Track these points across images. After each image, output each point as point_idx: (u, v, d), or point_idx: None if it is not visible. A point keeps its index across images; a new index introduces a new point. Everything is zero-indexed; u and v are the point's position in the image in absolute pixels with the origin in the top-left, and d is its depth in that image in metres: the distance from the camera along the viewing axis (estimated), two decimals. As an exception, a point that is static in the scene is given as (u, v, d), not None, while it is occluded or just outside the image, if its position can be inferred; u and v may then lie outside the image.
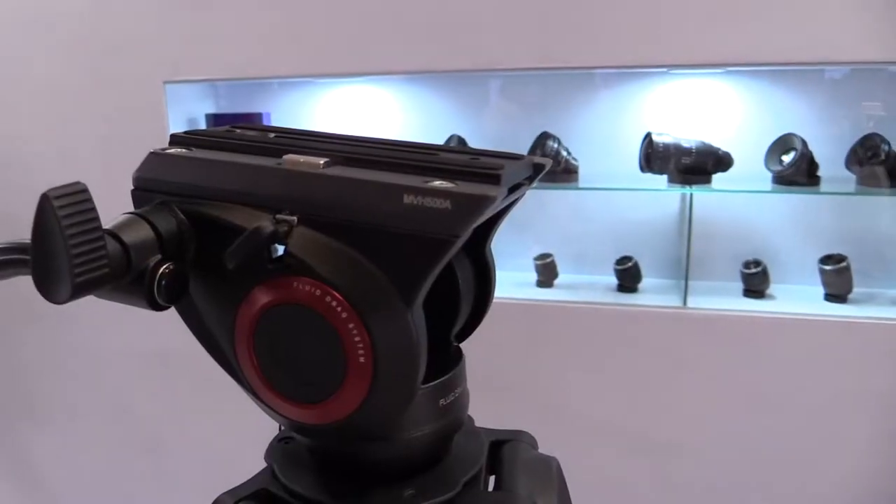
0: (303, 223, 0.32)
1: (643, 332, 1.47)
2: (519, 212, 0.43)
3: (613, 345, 1.48)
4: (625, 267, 1.61)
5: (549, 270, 1.66)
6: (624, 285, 1.61)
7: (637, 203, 1.67)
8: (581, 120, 1.67)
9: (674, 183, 1.52)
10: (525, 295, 1.59)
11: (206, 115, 1.75)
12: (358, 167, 0.33)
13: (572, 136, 1.62)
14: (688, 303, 1.48)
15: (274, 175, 0.33)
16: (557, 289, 1.65)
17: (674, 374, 1.46)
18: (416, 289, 0.31)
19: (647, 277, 1.63)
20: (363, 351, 0.31)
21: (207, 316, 0.35)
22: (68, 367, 1.86)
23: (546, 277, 1.66)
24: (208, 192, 0.34)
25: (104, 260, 0.29)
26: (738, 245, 1.61)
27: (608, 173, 1.61)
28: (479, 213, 0.30)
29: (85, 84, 1.66)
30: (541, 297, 1.60)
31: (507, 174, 0.32)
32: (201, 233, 0.33)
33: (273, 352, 0.33)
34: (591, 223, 1.72)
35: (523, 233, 1.72)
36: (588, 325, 1.49)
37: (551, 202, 1.73)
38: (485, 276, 0.41)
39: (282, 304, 0.32)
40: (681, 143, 1.51)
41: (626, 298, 1.57)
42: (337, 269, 0.31)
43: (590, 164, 1.61)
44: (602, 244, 1.70)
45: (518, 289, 1.63)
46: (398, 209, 0.30)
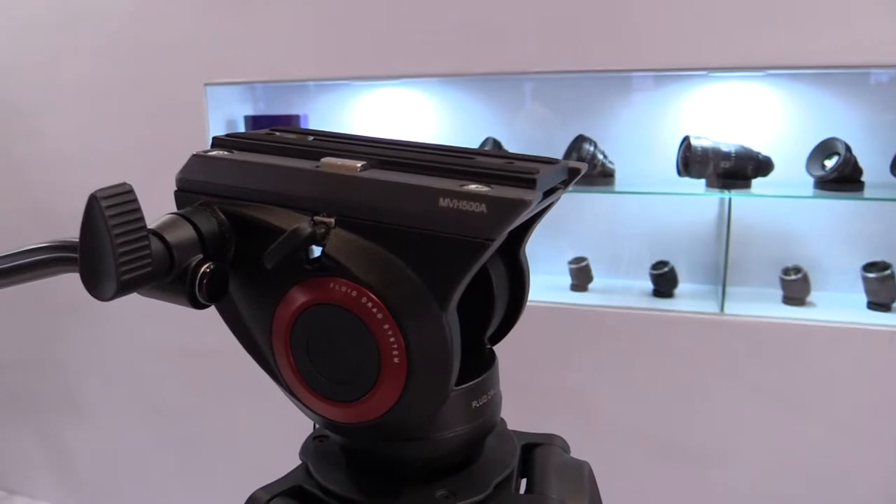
0: (340, 225, 0.32)
1: (679, 338, 1.45)
2: (554, 215, 0.43)
3: (648, 350, 1.47)
4: (661, 272, 1.59)
5: (583, 274, 1.65)
6: (660, 290, 1.59)
7: (674, 207, 1.65)
8: (618, 123, 1.66)
9: (712, 187, 1.50)
10: (559, 299, 1.59)
11: (245, 116, 1.78)
12: (394, 170, 0.34)
13: (609, 140, 1.61)
14: (725, 309, 1.46)
15: (312, 178, 0.33)
16: (592, 293, 1.65)
17: (709, 382, 1.44)
18: (451, 291, 0.31)
19: (684, 283, 1.62)
20: (397, 352, 0.32)
21: (246, 314, 0.36)
22: (108, 364, 1.90)
23: (580, 281, 1.66)
24: (248, 194, 0.34)
25: (148, 259, 0.30)
26: (778, 251, 1.58)
27: (645, 177, 1.60)
28: (514, 217, 0.30)
29: (127, 85, 1.71)
30: (575, 301, 1.60)
31: (543, 178, 0.33)
32: (241, 233, 0.34)
33: (309, 351, 0.34)
34: (627, 227, 1.71)
35: (558, 236, 1.71)
36: (622, 330, 1.48)
37: (587, 205, 1.72)
38: (519, 279, 0.41)
39: (318, 304, 0.33)
40: (720, 146, 1.49)
41: (661, 304, 1.55)
42: (373, 270, 0.32)
43: (626, 167, 1.60)
44: (638, 248, 1.69)
45: (552, 292, 1.63)
46: (434, 212, 0.31)
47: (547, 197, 0.35)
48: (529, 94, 1.72)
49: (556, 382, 1.54)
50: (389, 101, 1.80)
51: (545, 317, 1.50)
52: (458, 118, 1.77)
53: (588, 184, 1.56)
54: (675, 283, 1.60)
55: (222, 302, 0.36)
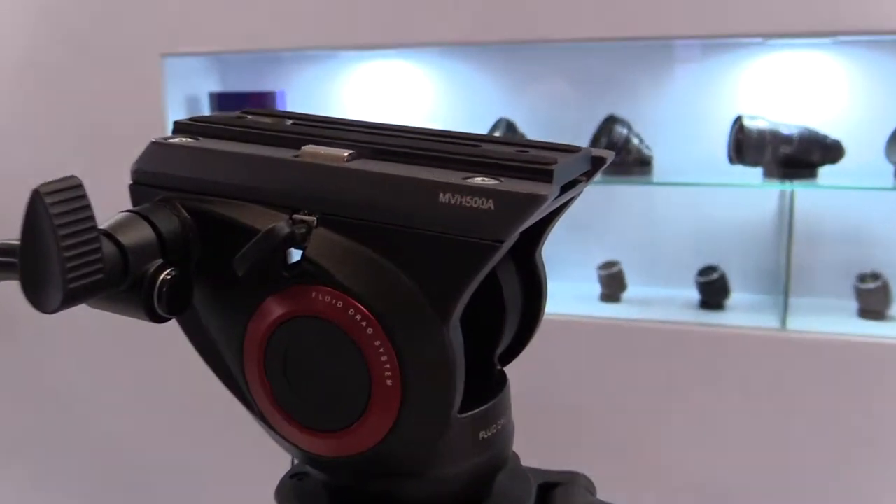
0: (323, 224, 0.33)
1: (731, 359, 1.46)
2: (580, 211, 0.44)
3: (693, 374, 1.48)
4: (709, 279, 1.60)
5: (615, 282, 1.66)
6: (708, 301, 1.60)
7: (725, 201, 1.66)
8: (656, 101, 1.67)
9: (770, 177, 1.51)
10: (585, 311, 1.59)
11: (210, 94, 1.80)
12: (387, 160, 0.35)
13: (646, 121, 1.62)
14: (787, 324, 1.46)
15: (291, 169, 0.34)
16: (625, 304, 1.65)
17: (768, 412, 1.44)
18: (453, 301, 0.32)
19: (737, 292, 1.62)
20: (390, 373, 0.33)
21: (213, 329, 0.37)
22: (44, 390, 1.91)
23: (612, 290, 1.66)
24: (216, 188, 0.35)
25: (99, 264, 0.31)
26: (852, 254, 1.58)
27: (689, 165, 1.61)
28: (528, 215, 0.31)
29: (68, 59, 1.72)
30: (605, 313, 1.60)
31: (561, 169, 0.33)
32: (208, 234, 0.35)
33: (287, 372, 0.35)
34: (668, 225, 1.72)
35: (584, 236, 1.72)
36: (663, 349, 1.49)
37: (619, 199, 1.73)
38: (534, 287, 0.42)
39: (298, 316, 0.34)
40: (779, 128, 1.50)
41: (710, 317, 1.56)
42: (361, 277, 0.33)
43: (667, 153, 1.61)
44: (681, 251, 1.70)
45: (577, 303, 1.64)
46: (433, 209, 0.32)
47: (566, 191, 0.36)
48: (550, 67, 1.74)
49: (581, 411, 1.54)
50: (382, 77, 1.81)
51: (567, 332, 1.51)
52: (464, 97, 1.78)
53: (621, 173, 1.57)
54: (725, 293, 1.61)
55: (185, 315, 0.36)
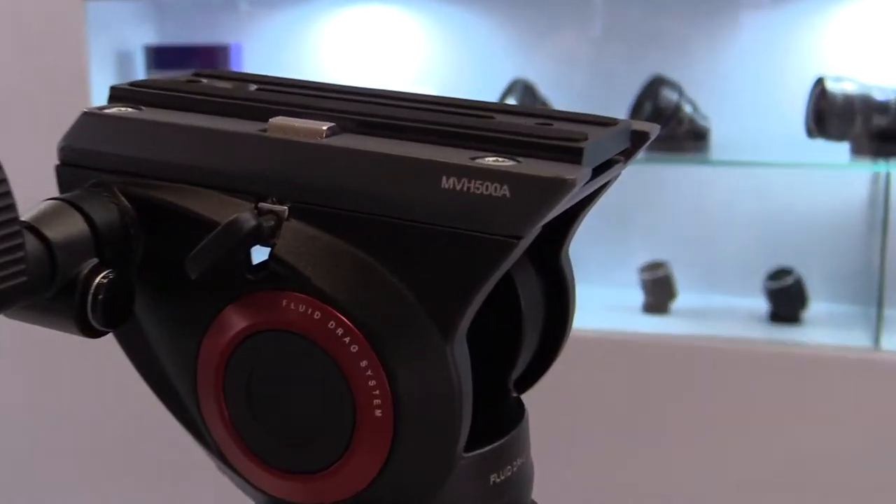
0: (296, 216, 0.34)
1: (810, 385, 1.46)
2: (618, 198, 0.45)
3: (762, 403, 1.48)
4: (782, 285, 1.61)
5: (662, 288, 1.67)
6: (780, 313, 1.61)
7: (801, 185, 1.66)
8: (714, 58, 1.67)
9: (860, 154, 1.51)
10: (624, 325, 1.60)
11: (146, 48, 1.79)
12: (375, 136, 0.35)
13: (700, 83, 1.62)
14: (882, 342, 1.47)
15: (256, 146, 0.35)
16: (675, 316, 1.66)
17: (859, 452, 1.44)
18: (459, 312, 0.33)
19: (817, 301, 1.63)
20: (380, 401, 0.33)
21: (159, 346, 0.38)
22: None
23: (658, 298, 1.67)
24: (164, 170, 0.36)
25: (21, 265, 0.31)
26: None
27: (756, 139, 1.61)
28: (552, 204, 0.32)
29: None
30: (648, 328, 1.61)
31: (593, 147, 0.34)
32: (153, 227, 0.36)
33: (251, 399, 0.36)
34: (729, 216, 1.73)
35: (623, 230, 1.73)
36: (722, 373, 1.49)
37: (667, 183, 1.74)
38: (559, 295, 0.42)
39: (265, 330, 0.34)
40: (871, 93, 1.50)
41: (782, 333, 1.57)
42: (344, 281, 0.34)
43: (727, 124, 1.61)
44: (746, 249, 1.71)
45: (613, 315, 1.64)
46: (433, 197, 0.32)
47: (599, 174, 0.37)
48: (579, 15, 1.74)
49: (618, 451, 1.55)
50: (366, 28, 1.82)
51: (602, 352, 1.51)
52: (470, 53, 1.79)
53: (670, 150, 1.57)
54: (802, 302, 1.61)
55: (125, 328, 0.37)
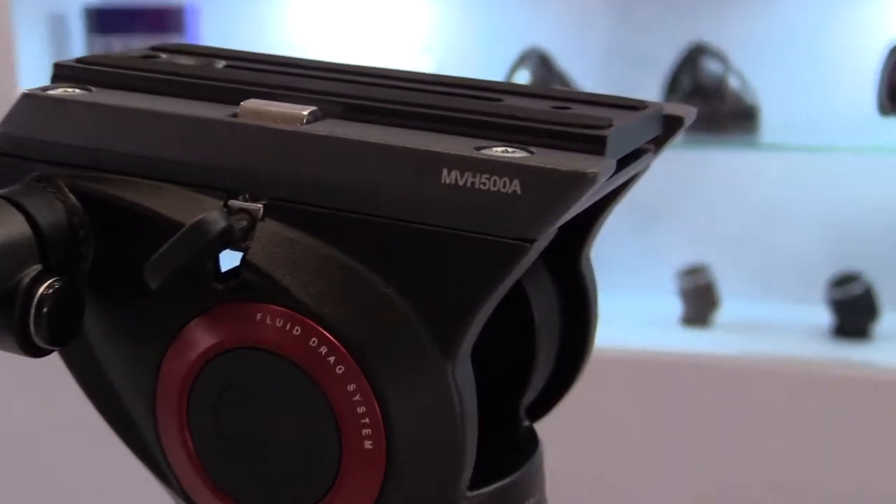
0: (272, 215, 0.35)
1: (882, 412, 1.46)
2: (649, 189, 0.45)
3: (824, 434, 1.48)
4: (848, 294, 1.61)
5: (703, 296, 1.67)
6: (846, 327, 1.61)
7: (871, 173, 1.67)
8: (765, 22, 1.68)
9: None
10: (657, 341, 1.61)
11: (86, 10, 1.77)
12: (364, 122, 0.36)
13: (749, 52, 1.63)
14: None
15: (225, 134, 0.36)
16: (718, 330, 1.67)
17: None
18: (462, 328, 0.34)
19: (890, 312, 1.63)
20: (370, 430, 0.34)
21: (112, 367, 0.39)
22: None
23: (698, 309, 1.68)
24: (118, 162, 0.37)
25: None
26: None
27: (815, 118, 1.61)
28: (570, 202, 0.32)
29: None
30: (687, 344, 1.61)
31: (618, 135, 0.35)
32: (106, 229, 0.37)
33: (220, 429, 0.36)
34: (783, 210, 1.73)
35: (656, 228, 1.74)
36: (776, 398, 1.50)
37: (709, 171, 1.75)
38: (579, 307, 0.43)
39: (237, 348, 0.35)
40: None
41: (848, 350, 1.57)
42: (328, 292, 0.34)
43: (781, 101, 1.62)
44: (804, 250, 1.71)
45: (644, 329, 1.66)
46: (433, 194, 0.33)
47: (626, 165, 0.37)
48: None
49: (650, 491, 1.55)
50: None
51: (631, 373, 1.52)
52: (475, 18, 1.79)
53: (712, 131, 1.57)
54: (872, 314, 1.61)
55: (72, 346, 0.37)
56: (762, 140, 1.60)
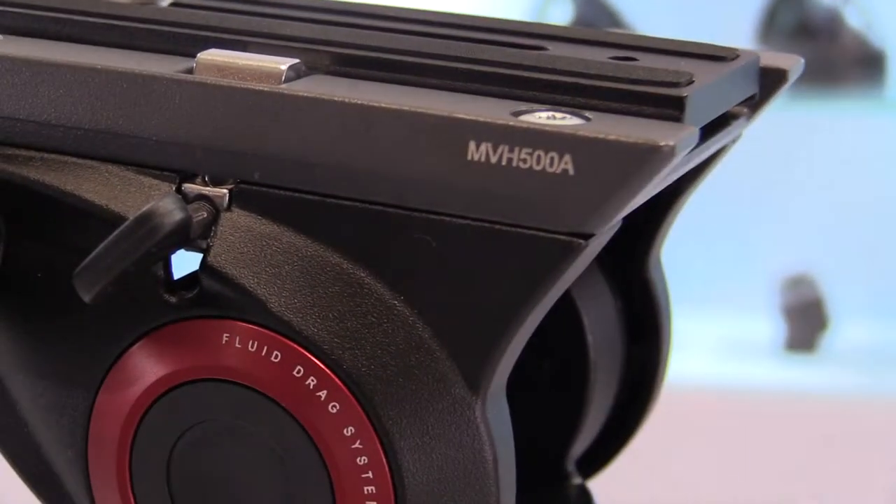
0: (241, 204, 0.35)
1: None
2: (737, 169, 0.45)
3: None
4: None
5: (810, 314, 1.69)
6: None
7: None
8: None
9: None
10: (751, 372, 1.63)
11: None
12: (362, 78, 0.37)
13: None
14: None
15: (178, 96, 0.36)
16: (828, 358, 1.69)
17: None
18: (494, 355, 0.34)
19: None
20: (374, 488, 0.35)
21: (28, 406, 0.39)
22: None
23: (804, 330, 1.69)
24: (35, 135, 0.37)
25: None
26: None
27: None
28: (639, 185, 0.32)
29: None
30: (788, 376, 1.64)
31: (701, 95, 0.35)
32: (20, 224, 0.37)
33: (173, 488, 0.37)
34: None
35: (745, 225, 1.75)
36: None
37: (818, 141, 1.76)
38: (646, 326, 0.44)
39: (195, 381, 0.35)
40: None
41: None
42: (318, 306, 0.35)
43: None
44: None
45: (733, 358, 1.68)
46: (456, 175, 0.33)
47: (711, 136, 0.38)
48: None
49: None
50: None
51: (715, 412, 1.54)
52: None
53: (823, 85, 1.58)
54: None
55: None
56: (890, 96, 1.61)
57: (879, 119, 1.69)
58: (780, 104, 0.43)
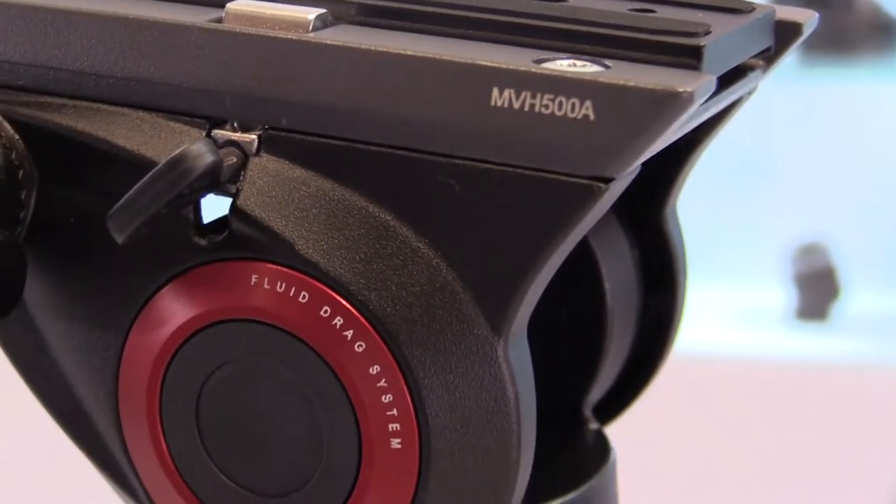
0: (270, 149, 0.36)
1: None
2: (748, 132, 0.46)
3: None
4: None
5: (822, 283, 1.70)
6: None
7: None
8: None
9: None
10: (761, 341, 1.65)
11: None
12: (387, 28, 0.37)
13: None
14: None
15: (207, 45, 0.37)
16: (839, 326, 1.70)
17: None
18: (516, 296, 0.35)
19: None
20: (399, 425, 0.35)
21: (60, 347, 0.40)
22: None
23: (815, 298, 1.70)
24: (68, 83, 0.38)
25: None
26: None
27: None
28: (658, 131, 0.33)
29: None
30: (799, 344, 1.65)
31: (718, 45, 0.35)
32: (54, 169, 0.38)
33: (201, 426, 0.38)
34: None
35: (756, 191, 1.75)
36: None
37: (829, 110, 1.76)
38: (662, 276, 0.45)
39: (224, 321, 0.36)
40: None
41: None
42: (345, 248, 0.35)
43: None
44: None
45: (744, 326, 1.69)
46: (479, 120, 0.34)
47: (727, 87, 0.38)
48: None
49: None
50: None
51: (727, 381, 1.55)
52: None
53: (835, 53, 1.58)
54: None
55: (10, 320, 0.39)
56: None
57: (892, 87, 1.68)
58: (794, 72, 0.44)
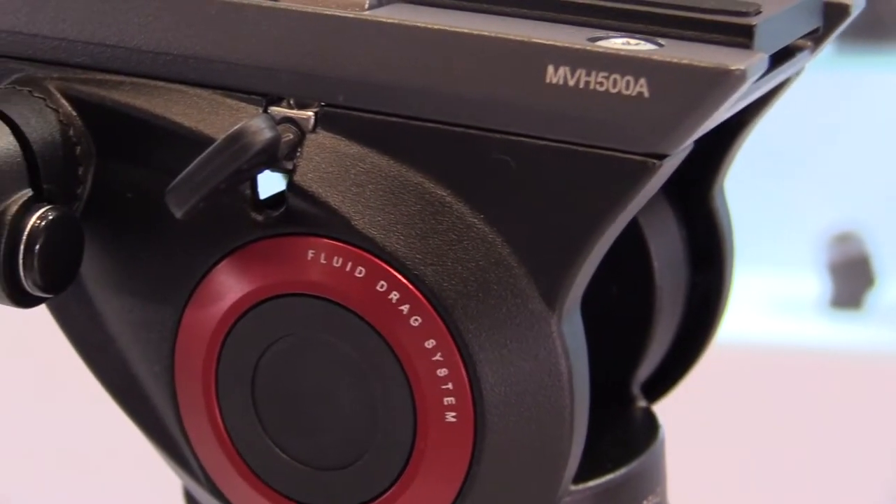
0: (327, 126, 0.36)
1: None
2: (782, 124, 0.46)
3: None
4: None
5: (856, 272, 1.69)
6: None
7: None
8: None
9: None
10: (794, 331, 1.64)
11: None
12: (443, 6, 0.37)
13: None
14: None
15: (265, 23, 0.37)
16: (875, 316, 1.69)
17: None
18: (570, 272, 0.35)
19: None
20: (454, 399, 0.36)
21: (117, 322, 0.40)
22: None
23: (850, 287, 1.69)
24: (126, 60, 0.38)
25: None
26: None
27: None
28: (712, 108, 0.33)
29: None
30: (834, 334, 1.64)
31: (769, 25, 0.36)
32: (111, 145, 0.38)
33: (258, 401, 0.38)
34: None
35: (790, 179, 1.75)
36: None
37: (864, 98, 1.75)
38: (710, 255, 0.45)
39: (280, 296, 0.37)
40: None
41: None
42: (402, 223, 0.36)
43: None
44: None
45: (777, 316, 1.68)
46: (534, 97, 0.34)
47: (777, 66, 0.38)
48: None
49: None
50: None
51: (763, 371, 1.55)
52: None
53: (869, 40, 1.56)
54: None
55: (66, 295, 0.39)
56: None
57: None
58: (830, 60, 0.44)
